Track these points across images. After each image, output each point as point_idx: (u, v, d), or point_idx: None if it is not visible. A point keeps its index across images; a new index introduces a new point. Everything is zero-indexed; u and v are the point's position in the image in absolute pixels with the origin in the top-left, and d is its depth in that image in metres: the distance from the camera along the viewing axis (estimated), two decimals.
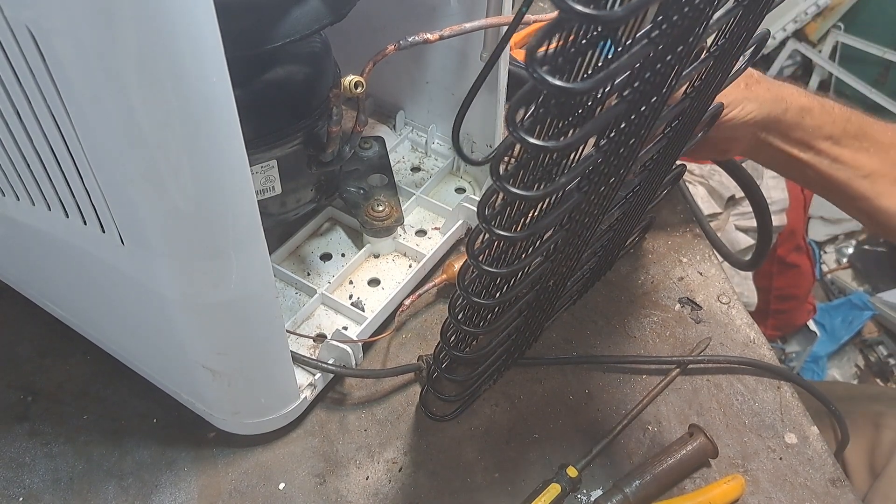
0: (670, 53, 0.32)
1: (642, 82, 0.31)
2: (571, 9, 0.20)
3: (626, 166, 0.39)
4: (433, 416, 0.52)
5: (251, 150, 0.33)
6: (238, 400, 0.47)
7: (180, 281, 0.38)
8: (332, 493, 0.48)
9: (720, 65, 0.40)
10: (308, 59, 0.49)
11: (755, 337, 0.60)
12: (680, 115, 0.42)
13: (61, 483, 0.48)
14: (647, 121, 0.37)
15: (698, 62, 0.38)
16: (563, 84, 0.22)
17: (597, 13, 0.20)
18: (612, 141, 0.34)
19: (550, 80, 0.22)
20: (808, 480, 0.51)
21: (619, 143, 0.35)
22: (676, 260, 0.66)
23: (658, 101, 0.36)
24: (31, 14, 0.28)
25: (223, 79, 0.30)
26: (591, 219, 0.41)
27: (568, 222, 0.39)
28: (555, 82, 0.22)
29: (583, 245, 0.45)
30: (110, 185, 0.34)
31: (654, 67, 0.32)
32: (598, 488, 0.50)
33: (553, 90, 0.22)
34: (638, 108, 0.34)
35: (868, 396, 0.80)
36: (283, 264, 0.58)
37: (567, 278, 0.49)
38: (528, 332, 0.52)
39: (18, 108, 0.34)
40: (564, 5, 0.20)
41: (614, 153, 0.35)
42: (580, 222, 0.40)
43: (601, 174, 0.36)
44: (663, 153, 0.45)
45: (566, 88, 0.22)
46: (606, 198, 0.41)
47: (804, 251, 1.37)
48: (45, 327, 0.56)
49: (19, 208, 0.42)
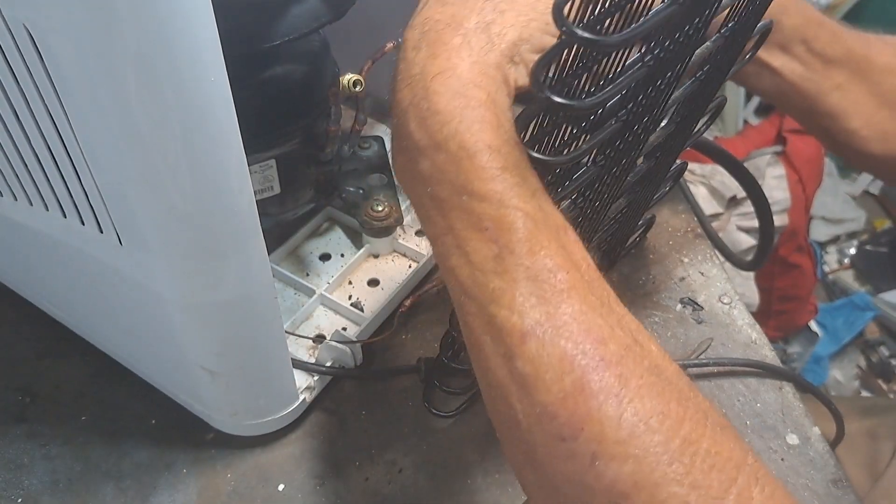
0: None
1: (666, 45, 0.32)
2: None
3: (640, 145, 0.39)
4: (437, 411, 0.52)
5: (249, 149, 0.33)
6: (237, 401, 0.47)
7: (178, 281, 0.37)
8: (331, 495, 0.48)
9: (727, 50, 0.40)
10: (307, 58, 0.49)
11: (757, 337, 0.60)
12: (687, 99, 0.42)
13: (60, 484, 0.48)
14: (661, 97, 0.37)
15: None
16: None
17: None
18: (629, 112, 0.34)
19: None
20: (810, 481, 0.51)
21: (637, 115, 0.35)
22: (678, 260, 0.66)
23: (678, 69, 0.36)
24: (28, 12, 0.27)
25: (221, 78, 0.30)
26: (604, 198, 0.41)
27: (581, 200, 0.39)
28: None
29: (592, 230, 0.45)
30: (108, 185, 0.34)
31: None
32: None
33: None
34: (659, 76, 0.34)
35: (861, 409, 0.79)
36: (282, 264, 0.58)
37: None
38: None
39: (16, 107, 0.34)
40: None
41: (630, 128, 0.35)
42: (594, 201, 0.40)
43: (617, 150, 0.36)
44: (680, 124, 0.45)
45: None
46: (620, 175, 0.41)
47: (806, 251, 1.37)
48: (43, 328, 0.56)
49: (17, 209, 0.42)
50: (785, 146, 1.38)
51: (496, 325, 0.28)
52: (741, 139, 1.51)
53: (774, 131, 1.43)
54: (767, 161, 1.34)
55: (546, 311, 0.28)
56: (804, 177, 1.35)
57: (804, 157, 1.36)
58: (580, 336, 0.27)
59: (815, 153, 1.39)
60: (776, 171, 1.33)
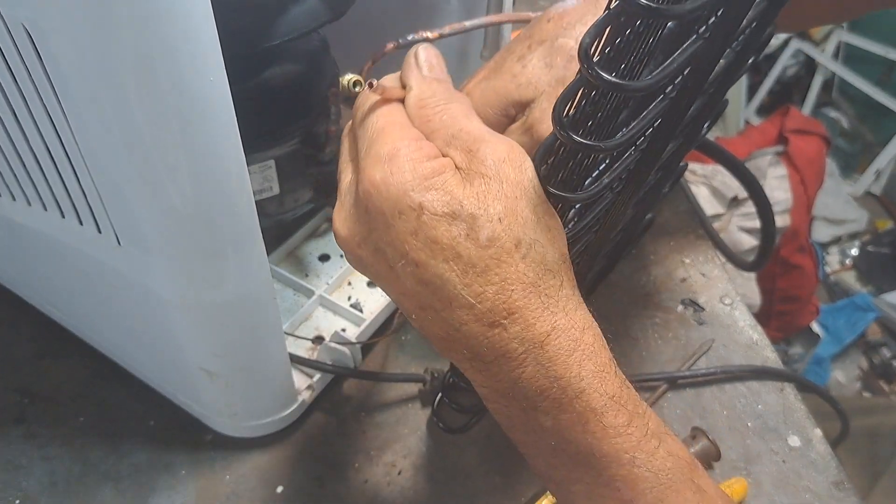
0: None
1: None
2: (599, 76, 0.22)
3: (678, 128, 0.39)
4: (448, 428, 0.51)
5: (249, 149, 0.33)
6: (236, 402, 0.47)
7: (177, 282, 0.37)
8: (330, 497, 0.48)
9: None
10: (306, 58, 0.49)
11: (758, 339, 0.59)
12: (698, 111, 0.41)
13: (58, 486, 0.48)
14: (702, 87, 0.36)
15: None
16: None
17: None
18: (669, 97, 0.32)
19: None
20: (812, 483, 0.51)
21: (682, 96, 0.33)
22: (679, 261, 0.66)
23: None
24: (27, 13, 0.27)
25: (221, 78, 0.29)
26: (616, 218, 0.41)
27: (597, 226, 0.38)
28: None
29: (601, 248, 0.44)
30: (107, 185, 0.33)
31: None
32: None
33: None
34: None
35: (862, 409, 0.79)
36: (282, 265, 0.58)
37: (588, 270, 0.49)
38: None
39: (14, 107, 0.33)
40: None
41: (676, 108, 0.34)
42: (606, 223, 0.39)
43: (640, 165, 0.35)
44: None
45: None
46: (634, 194, 0.40)
47: (807, 252, 1.37)
48: (42, 329, 0.56)
49: (15, 208, 0.42)
50: (786, 146, 1.38)
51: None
52: (742, 139, 1.51)
53: (776, 131, 1.43)
54: (769, 161, 1.34)
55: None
56: (806, 177, 1.34)
57: (806, 157, 1.36)
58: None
59: (816, 153, 1.39)
60: (778, 172, 1.33)
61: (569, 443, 0.28)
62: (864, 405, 0.92)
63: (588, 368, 0.28)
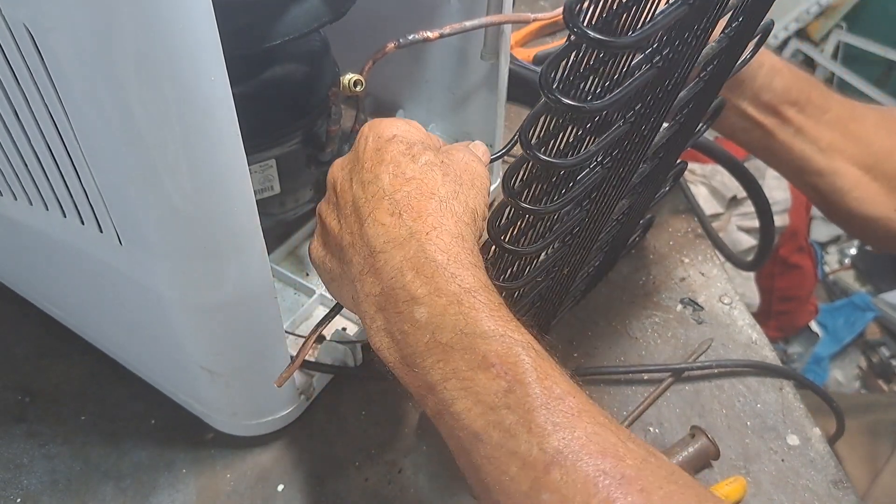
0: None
1: (670, 50, 0.32)
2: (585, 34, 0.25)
3: (646, 145, 0.40)
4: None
5: (249, 149, 0.33)
6: (236, 401, 0.47)
7: (178, 281, 0.37)
8: (331, 495, 0.48)
9: (731, 50, 0.40)
10: (307, 58, 0.49)
11: (757, 338, 0.60)
12: (692, 99, 0.42)
13: (59, 484, 0.48)
14: (668, 98, 0.37)
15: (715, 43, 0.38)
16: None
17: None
18: (637, 114, 0.34)
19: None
20: (810, 482, 0.51)
21: (644, 116, 0.35)
22: (678, 260, 0.66)
23: (682, 73, 0.36)
24: (28, 12, 0.27)
25: (222, 77, 0.29)
26: (609, 200, 0.42)
27: (588, 202, 0.39)
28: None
29: (597, 231, 0.45)
30: (108, 184, 0.33)
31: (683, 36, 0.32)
32: None
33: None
34: (662, 82, 0.34)
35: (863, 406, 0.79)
36: (282, 264, 0.58)
37: (578, 269, 0.49)
38: (538, 328, 0.52)
39: (16, 106, 0.34)
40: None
41: (637, 129, 0.36)
42: (599, 202, 0.40)
43: (624, 150, 0.37)
44: (675, 136, 0.45)
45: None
46: (626, 176, 0.41)
47: (806, 252, 1.37)
48: (43, 328, 0.56)
49: (17, 208, 0.42)
50: None
51: (517, 461, 0.28)
52: None
53: None
54: None
55: (563, 436, 0.28)
56: None
57: None
58: (599, 457, 0.28)
59: None
60: (776, 172, 1.33)
61: (442, 329, 0.31)
62: (863, 402, 0.92)
63: (463, 261, 0.33)
